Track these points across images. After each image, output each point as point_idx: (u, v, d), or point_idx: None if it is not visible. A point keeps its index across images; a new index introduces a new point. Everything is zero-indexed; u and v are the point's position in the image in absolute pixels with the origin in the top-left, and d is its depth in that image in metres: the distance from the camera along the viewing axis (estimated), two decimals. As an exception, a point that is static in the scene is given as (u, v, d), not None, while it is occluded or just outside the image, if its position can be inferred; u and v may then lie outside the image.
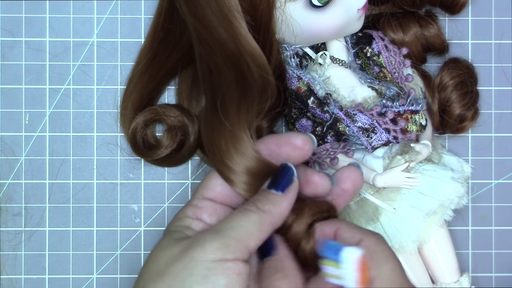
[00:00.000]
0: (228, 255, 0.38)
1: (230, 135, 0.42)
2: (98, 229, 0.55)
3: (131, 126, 0.52)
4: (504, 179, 0.55)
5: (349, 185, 0.43)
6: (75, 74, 0.55)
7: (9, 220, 0.54)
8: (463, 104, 0.53)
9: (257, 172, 0.42)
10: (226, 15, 0.45)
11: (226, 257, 0.37)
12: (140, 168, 0.55)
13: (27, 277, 0.54)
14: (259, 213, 0.39)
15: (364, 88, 0.50)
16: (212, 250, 0.38)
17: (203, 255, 0.37)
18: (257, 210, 0.39)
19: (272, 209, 0.39)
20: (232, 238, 0.38)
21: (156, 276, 0.38)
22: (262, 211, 0.39)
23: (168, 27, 0.51)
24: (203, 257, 0.37)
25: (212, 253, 0.37)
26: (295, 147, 0.42)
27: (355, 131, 0.48)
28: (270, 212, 0.39)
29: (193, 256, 0.38)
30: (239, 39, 0.45)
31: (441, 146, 0.55)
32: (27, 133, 0.54)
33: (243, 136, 0.42)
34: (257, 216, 0.39)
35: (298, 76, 0.49)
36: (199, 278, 0.37)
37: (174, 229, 0.41)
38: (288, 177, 0.40)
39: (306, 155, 0.42)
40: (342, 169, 0.43)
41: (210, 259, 0.37)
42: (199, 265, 0.37)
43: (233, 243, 0.38)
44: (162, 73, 0.53)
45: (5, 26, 0.54)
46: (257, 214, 0.39)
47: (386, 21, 0.52)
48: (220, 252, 0.37)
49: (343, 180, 0.43)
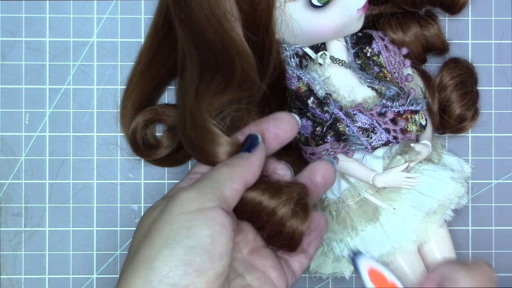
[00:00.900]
0: (206, 203, 0.38)
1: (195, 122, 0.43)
2: (98, 229, 0.55)
3: (131, 126, 0.52)
4: (504, 179, 0.55)
5: (320, 179, 0.45)
6: (75, 74, 0.55)
7: (9, 220, 0.54)
8: (463, 104, 0.53)
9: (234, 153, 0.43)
10: (218, 18, 0.45)
11: (204, 205, 0.38)
12: (140, 168, 0.55)
13: (27, 277, 0.54)
14: (229, 165, 0.41)
15: (364, 88, 0.50)
16: (189, 200, 0.38)
17: (181, 207, 0.38)
18: (226, 165, 0.41)
19: (242, 162, 0.41)
20: (206, 187, 0.39)
21: (140, 241, 0.39)
22: (231, 164, 0.41)
23: (168, 27, 0.51)
24: (182, 209, 0.38)
25: (190, 203, 0.38)
26: (282, 120, 0.44)
27: (355, 131, 0.48)
28: (239, 164, 0.41)
29: (172, 210, 0.38)
30: (227, 45, 0.45)
31: (441, 146, 0.55)
32: (27, 133, 0.54)
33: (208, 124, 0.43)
34: (228, 167, 0.41)
35: (298, 76, 0.49)
36: (182, 230, 0.37)
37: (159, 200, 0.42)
38: (252, 141, 0.43)
39: (294, 128, 0.44)
40: (315, 162, 0.45)
41: (189, 210, 0.38)
42: (180, 217, 0.38)
43: (209, 191, 0.39)
44: (162, 73, 0.53)
45: (5, 26, 0.54)
46: (227, 166, 0.41)
47: (386, 21, 0.52)
48: (197, 202, 0.38)
49: (314, 173, 0.45)
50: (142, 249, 0.38)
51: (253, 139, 0.43)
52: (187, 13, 0.46)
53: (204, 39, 0.46)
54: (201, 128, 0.43)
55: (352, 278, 0.55)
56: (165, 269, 0.36)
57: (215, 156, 0.43)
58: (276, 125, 0.44)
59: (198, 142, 0.43)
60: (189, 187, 0.40)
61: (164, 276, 0.36)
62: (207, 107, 0.43)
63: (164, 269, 0.36)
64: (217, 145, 0.43)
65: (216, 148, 0.43)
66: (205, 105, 0.43)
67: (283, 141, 0.45)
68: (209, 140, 0.43)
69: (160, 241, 0.37)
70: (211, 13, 0.45)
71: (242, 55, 0.45)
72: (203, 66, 0.46)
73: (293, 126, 0.44)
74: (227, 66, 0.45)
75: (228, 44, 0.45)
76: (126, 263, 0.39)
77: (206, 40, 0.45)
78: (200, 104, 0.44)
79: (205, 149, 0.43)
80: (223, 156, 0.43)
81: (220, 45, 0.45)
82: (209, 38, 0.45)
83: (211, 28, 0.45)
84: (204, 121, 0.43)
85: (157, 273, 0.36)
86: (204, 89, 0.44)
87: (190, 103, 0.44)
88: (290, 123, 0.44)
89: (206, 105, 0.43)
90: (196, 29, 0.46)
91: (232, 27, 0.45)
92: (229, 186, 0.40)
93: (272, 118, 0.44)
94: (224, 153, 0.43)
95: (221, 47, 0.45)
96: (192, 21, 0.46)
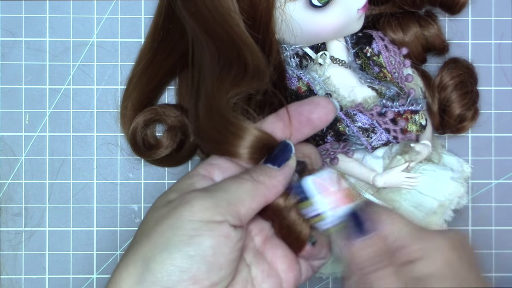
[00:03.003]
0: (217, 216, 0.37)
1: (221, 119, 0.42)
2: (98, 229, 0.55)
3: (131, 126, 0.52)
4: (504, 179, 0.55)
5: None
6: (75, 74, 0.55)
7: (9, 220, 0.54)
8: (463, 104, 0.53)
9: (258, 145, 0.41)
10: (222, 15, 0.45)
11: (214, 219, 0.37)
12: (140, 168, 0.55)
13: (27, 277, 0.54)
14: (253, 182, 0.39)
15: (364, 88, 0.50)
16: (201, 209, 0.37)
17: (191, 213, 0.37)
18: (251, 179, 0.39)
19: (267, 181, 0.39)
20: (223, 200, 0.37)
21: (143, 236, 0.38)
22: (256, 181, 0.39)
23: (168, 27, 0.51)
24: (191, 216, 0.37)
25: (201, 212, 0.37)
26: (317, 104, 0.42)
27: (355, 131, 0.48)
28: (264, 183, 0.39)
29: (181, 215, 0.37)
30: (235, 39, 0.45)
31: (441, 146, 0.55)
32: (27, 133, 0.54)
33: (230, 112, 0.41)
34: (251, 184, 0.38)
35: (298, 76, 0.49)
36: (185, 237, 0.36)
37: (174, 189, 0.40)
38: (285, 153, 0.40)
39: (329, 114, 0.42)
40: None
41: (198, 219, 0.37)
42: (186, 224, 0.37)
43: (224, 205, 0.37)
44: (162, 73, 0.53)
45: (5, 26, 0.54)
46: (251, 183, 0.39)
47: (386, 21, 0.52)
48: (209, 212, 0.37)
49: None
50: (142, 246, 0.37)
51: (285, 149, 0.41)
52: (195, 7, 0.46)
53: (214, 32, 0.45)
54: (221, 115, 0.41)
55: (352, 278, 0.55)
56: (161, 272, 0.36)
57: (237, 146, 0.41)
58: (310, 110, 0.42)
59: (218, 131, 0.41)
60: (205, 194, 0.38)
61: (159, 279, 0.36)
62: (226, 95, 0.42)
63: (160, 272, 0.36)
64: (240, 134, 0.40)
65: (238, 138, 0.41)
66: (225, 93, 0.42)
67: (316, 127, 0.42)
68: (232, 128, 0.41)
69: (161, 244, 0.37)
70: (215, 10, 0.45)
71: (249, 48, 0.45)
72: (220, 56, 0.45)
73: (329, 112, 0.42)
74: (239, 58, 0.44)
75: (235, 38, 0.45)
76: (126, 253, 0.38)
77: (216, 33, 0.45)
78: (220, 91, 0.42)
79: (226, 139, 0.41)
80: (246, 145, 0.41)
81: (228, 39, 0.45)
82: (217, 32, 0.45)
83: (217, 23, 0.45)
84: (226, 108, 0.41)
85: (153, 274, 0.36)
86: (224, 77, 0.43)
87: (211, 91, 0.42)
88: (326, 108, 0.42)
89: (226, 93, 0.42)
90: (205, 23, 0.45)
91: (236, 23, 0.45)
92: (247, 205, 0.38)
93: (307, 102, 0.42)
94: (247, 143, 0.41)
95: (229, 41, 0.45)
96: (199, 15, 0.46)
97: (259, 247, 0.41)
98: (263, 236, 0.42)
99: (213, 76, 0.44)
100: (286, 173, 0.40)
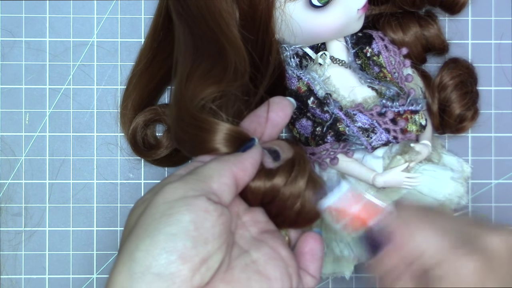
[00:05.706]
0: (189, 192, 0.37)
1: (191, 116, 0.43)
2: (98, 229, 0.55)
3: (131, 126, 0.52)
4: (504, 179, 0.55)
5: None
6: (75, 74, 0.55)
7: (9, 220, 0.54)
8: (463, 104, 0.53)
9: (232, 138, 0.42)
10: (212, 13, 0.45)
11: (188, 194, 0.37)
12: (140, 168, 0.55)
13: (27, 277, 0.54)
14: (218, 160, 0.40)
15: (364, 88, 0.50)
16: (173, 190, 0.38)
17: (165, 196, 0.37)
18: (215, 160, 0.40)
19: (231, 158, 0.40)
20: (192, 179, 0.38)
21: (126, 235, 0.38)
22: (220, 160, 0.40)
23: (168, 27, 0.51)
24: (165, 199, 0.37)
25: (173, 193, 0.37)
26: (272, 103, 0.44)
27: (355, 131, 0.48)
28: (228, 160, 0.40)
29: (156, 201, 0.38)
30: (219, 37, 0.45)
31: (441, 146, 0.55)
32: (27, 133, 0.55)
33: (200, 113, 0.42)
34: (216, 162, 0.40)
35: (298, 76, 0.49)
36: (163, 218, 0.36)
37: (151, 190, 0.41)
38: (248, 143, 0.42)
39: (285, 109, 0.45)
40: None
41: (172, 199, 0.37)
42: (161, 206, 0.37)
43: (194, 183, 0.38)
44: (162, 73, 0.53)
45: (5, 26, 0.54)
46: (215, 161, 0.40)
47: (386, 21, 0.52)
48: (181, 190, 0.38)
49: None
50: (126, 243, 0.37)
51: (249, 142, 0.42)
52: (184, 7, 0.46)
53: (199, 30, 0.46)
54: (190, 114, 0.42)
55: (352, 278, 0.55)
56: (148, 259, 0.35)
57: (212, 141, 0.42)
58: (265, 110, 0.44)
59: (192, 130, 0.42)
60: (175, 179, 0.39)
61: (148, 266, 0.35)
62: (199, 94, 0.43)
63: (146, 259, 0.36)
64: (213, 130, 0.42)
65: (212, 134, 0.42)
66: (199, 92, 0.43)
67: (277, 123, 0.44)
68: (202, 124, 0.42)
69: (142, 232, 0.37)
70: (207, 9, 0.45)
71: (234, 48, 0.45)
72: (197, 56, 0.45)
73: (284, 106, 0.45)
74: (220, 57, 0.45)
75: (220, 36, 0.45)
76: (116, 257, 0.39)
77: (201, 32, 0.46)
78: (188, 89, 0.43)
79: (199, 137, 0.42)
80: (220, 141, 0.42)
81: (213, 37, 0.45)
82: (203, 30, 0.45)
83: (205, 22, 0.45)
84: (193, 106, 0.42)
85: (140, 263, 0.36)
86: (198, 76, 0.44)
87: (182, 91, 0.44)
88: (280, 104, 0.44)
89: (199, 93, 0.43)
90: (193, 21, 0.46)
91: (226, 22, 0.45)
92: (217, 180, 0.39)
93: (264, 104, 0.45)
94: (221, 138, 0.42)
95: (214, 39, 0.45)
96: (189, 14, 0.46)
97: (256, 236, 0.41)
98: (258, 228, 0.42)
99: (182, 74, 0.45)
100: (251, 153, 0.41)
